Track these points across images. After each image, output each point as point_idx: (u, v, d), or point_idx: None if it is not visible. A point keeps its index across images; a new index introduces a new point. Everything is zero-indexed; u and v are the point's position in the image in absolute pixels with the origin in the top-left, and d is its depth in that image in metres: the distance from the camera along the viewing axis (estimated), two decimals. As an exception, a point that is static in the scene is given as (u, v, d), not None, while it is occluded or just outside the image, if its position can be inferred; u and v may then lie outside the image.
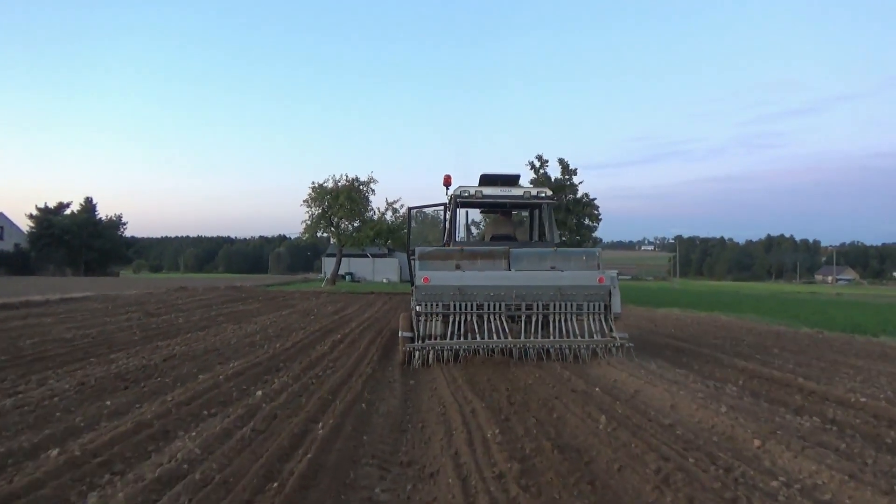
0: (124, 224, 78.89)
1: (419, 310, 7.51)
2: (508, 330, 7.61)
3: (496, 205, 9.59)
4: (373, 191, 36.20)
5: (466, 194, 8.83)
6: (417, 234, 58.31)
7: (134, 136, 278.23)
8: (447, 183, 8.96)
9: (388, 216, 36.28)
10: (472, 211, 11.54)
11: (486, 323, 7.57)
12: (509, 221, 10.32)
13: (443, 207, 9.38)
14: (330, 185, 35.29)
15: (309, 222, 35.82)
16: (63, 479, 3.25)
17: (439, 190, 9.12)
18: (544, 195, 9.22)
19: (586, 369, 7.24)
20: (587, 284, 7.75)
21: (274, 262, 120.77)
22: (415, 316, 7.58)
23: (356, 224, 35.98)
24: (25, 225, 64.44)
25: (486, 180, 9.28)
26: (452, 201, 8.98)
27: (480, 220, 26.58)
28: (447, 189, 9.04)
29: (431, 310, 7.53)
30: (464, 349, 7.43)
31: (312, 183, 35.31)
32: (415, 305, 7.57)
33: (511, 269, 7.87)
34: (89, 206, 76.30)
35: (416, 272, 7.72)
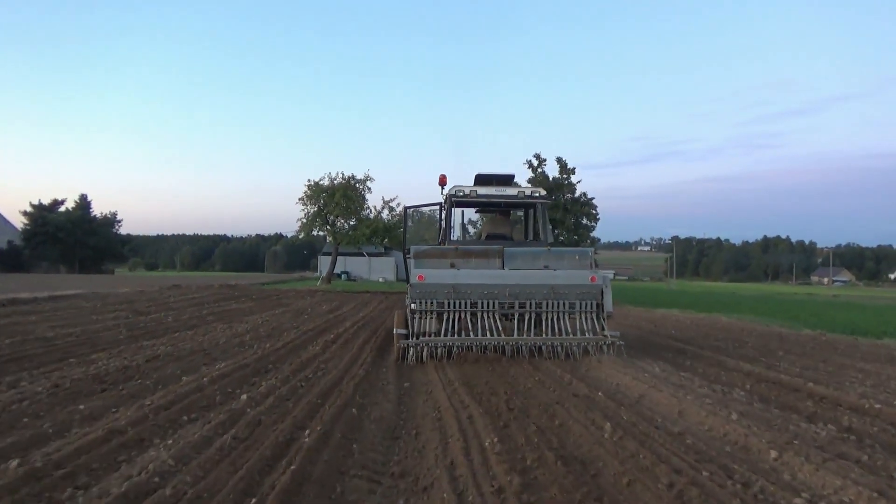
0: (119, 222, 78.71)
1: (414, 307, 7.53)
2: (502, 328, 7.62)
3: (491, 204, 9.66)
4: (369, 189, 35.89)
5: (461, 194, 8.89)
6: (414, 234, 58.01)
7: (131, 134, 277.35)
8: (442, 183, 9.02)
9: (385, 214, 36.00)
10: (471, 210, 11.69)
11: (479, 321, 7.59)
12: (506, 221, 10.31)
13: (438, 207, 9.41)
14: (326, 182, 34.95)
15: (305, 220, 35.46)
16: (19, 495, 2.94)
17: (436, 188, 9.30)
18: (538, 195, 9.26)
19: (588, 372, 6.98)
20: (580, 283, 7.76)
21: (270, 261, 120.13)
22: (410, 313, 7.58)
23: (352, 222, 35.61)
24: (19, 222, 64.01)
25: (481, 180, 9.31)
26: (447, 201, 9.03)
27: (478, 219, 26.35)
28: (442, 189, 9.09)
29: (426, 307, 7.56)
30: (457, 346, 7.48)
31: (308, 181, 35.01)
32: (410, 303, 7.59)
33: (505, 268, 7.87)
34: (84, 203, 75.89)
35: (411, 270, 7.77)
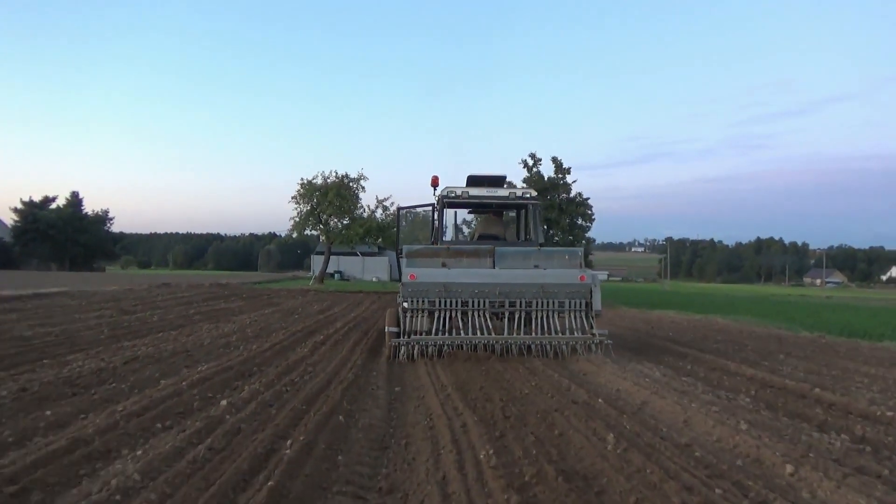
0: (111, 219, 78.10)
1: (406, 306, 7.62)
2: (492, 326, 7.69)
3: (482, 205, 9.82)
4: (363, 188, 35.43)
5: (453, 195, 9.02)
6: (408, 234, 57.79)
7: (124, 132, 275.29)
8: (434, 184, 9.14)
9: (379, 214, 35.60)
10: (464, 211, 11.82)
11: (470, 319, 7.67)
12: (498, 221, 10.42)
13: (431, 207, 9.51)
14: (319, 181, 34.55)
15: (297, 219, 35.00)
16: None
17: (430, 188, 9.37)
18: (529, 196, 9.38)
19: (586, 377, 6.73)
20: (569, 282, 7.85)
21: (264, 260, 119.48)
22: (401, 312, 7.66)
23: (345, 221, 35.22)
24: (9, 219, 63.32)
25: (473, 181, 9.41)
26: (439, 202, 9.16)
27: (472, 219, 26.15)
28: (434, 190, 9.21)
29: (418, 306, 7.63)
30: (447, 344, 7.56)
31: (301, 179, 34.59)
32: (402, 301, 7.66)
33: (495, 268, 7.94)
34: (75, 200, 75.21)
35: (403, 269, 7.84)
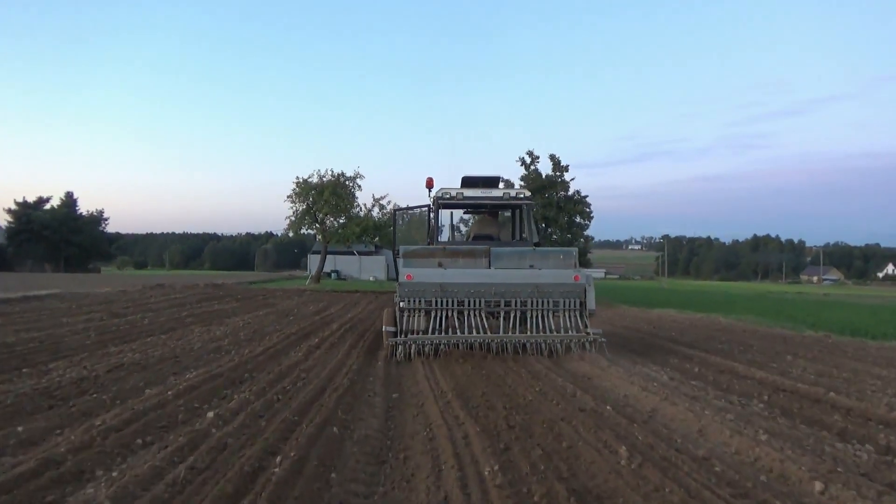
0: (106, 220, 77.62)
1: (403, 305, 7.72)
2: (488, 325, 7.79)
3: (476, 206, 9.94)
4: (359, 186, 35.11)
5: (448, 196, 9.15)
6: (405, 234, 57.45)
7: (119, 132, 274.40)
8: (429, 185, 9.26)
9: (375, 212, 35.32)
10: (460, 211, 11.84)
11: (466, 318, 7.77)
12: (494, 222, 10.51)
13: (427, 208, 9.63)
14: (315, 180, 34.22)
15: (293, 218, 34.68)
16: None
17: (427, 187, 9.47)
18: (523, 196, 9.50)
19: (591, 381, 6.47)
20: (563, 282, 7.93)
21: (261, 259, 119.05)
22: (398, 311, 7.76)
23: (341, 220, 34.90)
24: (3, 220, 62.84)
25: (468, 182, 9.49)
26: (435, 203, 9.27)
27: (470, 219, 25.87)
28: (430, 191, 9.31)
29: (414, 305, 7.74)
30: (444, 343, 7.64)
31: (297, 178, 34.27)
32: (399, 301, 7.75)
33: (491, 268, 8.01)
34: (70, 200, 74.68)
35: (400, 269, 7.94)
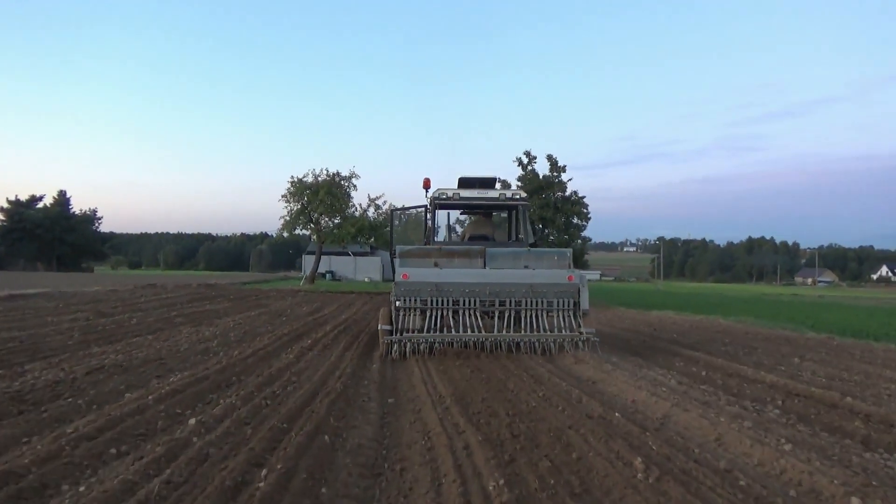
0: (99, 219, 77.21)
1: (399, 304, 7.82)
2: (482, 325, 7.86)
3: (473, 206, 10.06)
4: (354, 186, 34.80)
5: (444, 197, 9.26)
6: (401, 235, 57.13)
7: (113, 130, 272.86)
8: (426, 186, 9.34)
9: (371, 213, 34.98)
10: (457, 211, 11.91)
11: (461, 317, 7.86)
12: (488, 222, 10.58)
13: (424, 209, 9.71)
14: (310, 179, 33.88)
15: (288, 218, 34.34)
16: None
17: (423, 187, 9.51)
18: (519, 197, 9.61)
19: (596, 386, 6.19)
20: (557, 282, 8.03)
21: (255, 260, 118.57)
22: (395, 310, 7.85)
23: (336, 220, 34.55)
24: (-6, 218, 62.18)
25: (464, 183, 9.58)
26: (431, 203, 9.37)
27: (466, 219, 25.62)
28: (427, 192, 9.39)
29: (410, 304, 7.83)
30: (438, 342, 7.73)
31: (291, 177, 33.92)
32: (395, 300, 7.85)
33: (486, 268, 8.09)
34: (63, 199, 74.10)
35: (396, 269, 8.00)
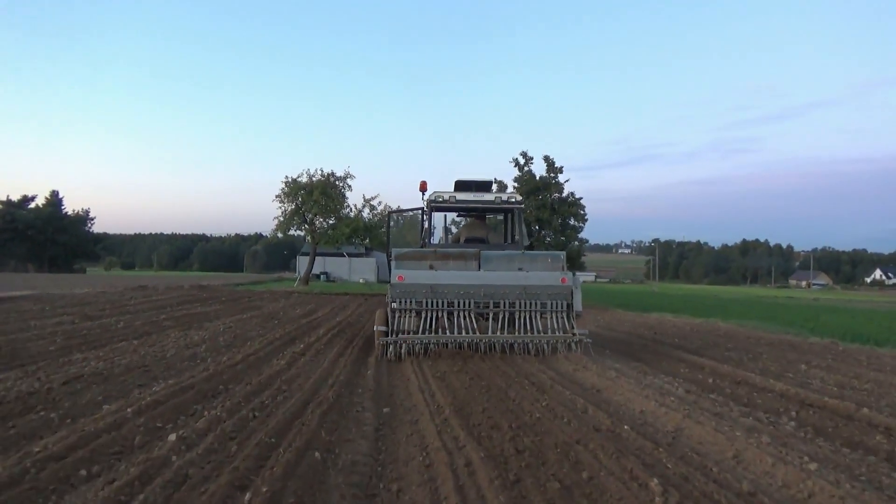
0: (92, 219, 76.48)
1: (394, 306, 7.93)
2: (476, 326, 7.98)
3: (469, 209, 10.14)
4: (349, 186, 34.44)
5: (441, 199, 9.30)
6: (398, 236, 56.94)
7: (106, 130, 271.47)
8: (423, 189, 9.43)
9: (366, 213, 34.62)
10: (453, 214, 11.95)
11: (455, 319, 7.98)
12: (483, 225, 10.67)
13: (420, 211, 9.76)
14: (304, 179, 33.51)
15: (282, 219, 33.93)
16: None
17: (419, 187, 9.57)
18: (514, 200, 9.68)
19: (601, 394, 5.92)
20: (550, 284, 8.14)
21: (250, 261, 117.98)
22: (390, 311, 7.96)
23: (331, 221, 34.18)
24: (-15, 218, 61.50)
25: (460, 186, 9.69)
26: (428, 206, 9.43)
27: (461, 222, 25.37)
28: (423, 194, 9.47)
29: (405, 306, 7.95)
30: (433, 343, 7.85)
31: (286, 177, 33.54)
32: (390, 302, 7.96)
33: (481, 270, 8.20)
34: (55, 200, 73.38)
35: (392, 271, 8.09)
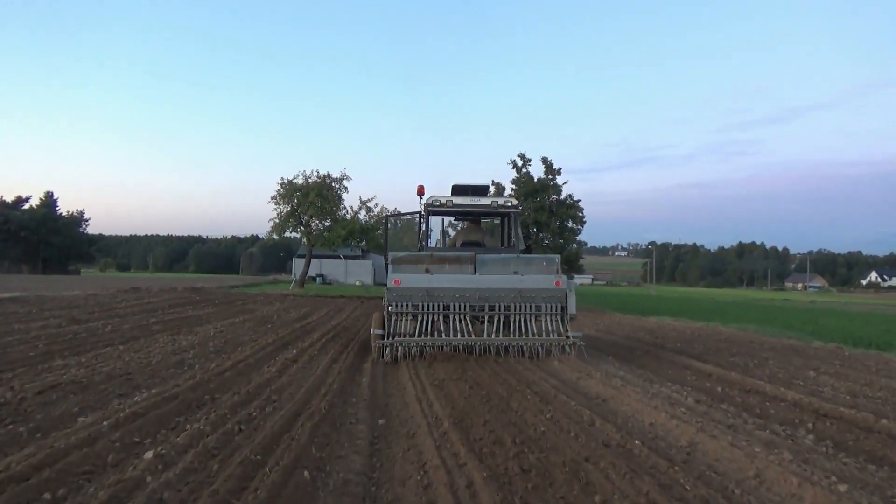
0: (86, 220, 76.10)
1: (391, 309, 8.02)
2: (472, 329, 8.03)
3: (465, 213, 10.18)
4: (345, 188, 34.11)
5: (437, 203, 9.34)
6: (395, 239, 56.72)
7: (102, 131, 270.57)
8: (420, 193, 9.43)
9: (362, 215, 34.31)
10: (450, 217, 11.92)
11: (451, 322, 8.04)
12: (479, 229, 10.70)
13: (417, 215, 9.78)
14: (300, 181, 33.18)
15: (277, 220, 33.57)
16: None
17: (416, 188, 9.59)
18: (510, 205, 9.73)
19: (607, 405, 5.65)
20: (545, 287, 8.20)
21: (246, 263, 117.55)
22: (387, 315, 8.04)
23: (327, 223, 33.84)
24: (-22, 219, 61.02)
25: (457, 190, 9.67)
26: (425, 210, 9.45)
27: (457, 225, 25.12)
28: (420, 198, 9.45)
29: (402, 309, 8.04)
30: (429, 345, 7.90)
31: (281, 179, 33.21)
32: (387, 305, 8.05)
33: (476, 273, 8.25)
34: (49, 201, 72.89)
35: (388, 275, 8.16)
